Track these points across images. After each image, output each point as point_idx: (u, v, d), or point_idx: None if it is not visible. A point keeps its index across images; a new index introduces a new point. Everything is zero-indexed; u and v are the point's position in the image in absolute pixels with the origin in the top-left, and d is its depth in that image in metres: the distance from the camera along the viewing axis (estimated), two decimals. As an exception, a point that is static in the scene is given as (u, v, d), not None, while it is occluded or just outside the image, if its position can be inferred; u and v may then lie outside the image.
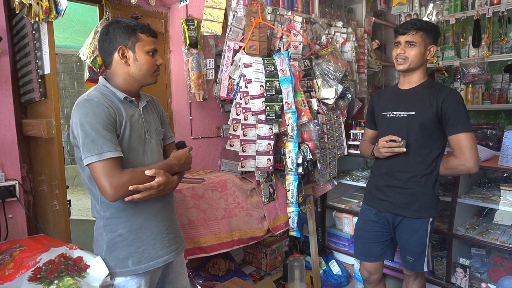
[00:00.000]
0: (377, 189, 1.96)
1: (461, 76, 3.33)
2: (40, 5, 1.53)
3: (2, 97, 1.74)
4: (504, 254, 2.35)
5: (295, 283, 2.49)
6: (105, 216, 1.32)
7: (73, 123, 1.24)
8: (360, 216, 2.09)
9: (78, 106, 1.24)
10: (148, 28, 1.33)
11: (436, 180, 1.84)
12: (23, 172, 1.89)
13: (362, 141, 2.19)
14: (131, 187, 1.19)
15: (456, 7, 3.35)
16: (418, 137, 1.80)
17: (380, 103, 1.99)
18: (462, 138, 1.71)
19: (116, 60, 1.30)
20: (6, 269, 1.30)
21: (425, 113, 1.77)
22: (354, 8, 3.55)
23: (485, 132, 3.16)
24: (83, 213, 3.74)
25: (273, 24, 2.46)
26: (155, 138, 1.40)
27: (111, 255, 1.32)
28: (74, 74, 5.04)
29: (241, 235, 2.08)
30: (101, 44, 1.33)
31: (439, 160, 1.84)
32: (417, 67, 1.82)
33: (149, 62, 1.32)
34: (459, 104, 1.73)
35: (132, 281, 1.33)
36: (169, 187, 1.32)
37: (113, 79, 1.34)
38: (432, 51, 1.81)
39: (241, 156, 2.22)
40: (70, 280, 1.24)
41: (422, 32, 1.76)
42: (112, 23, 1.31)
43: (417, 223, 1.84)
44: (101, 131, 1.19)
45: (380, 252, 1.98)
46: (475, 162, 1.70)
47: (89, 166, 1.20)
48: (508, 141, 2.21)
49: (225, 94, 2.29)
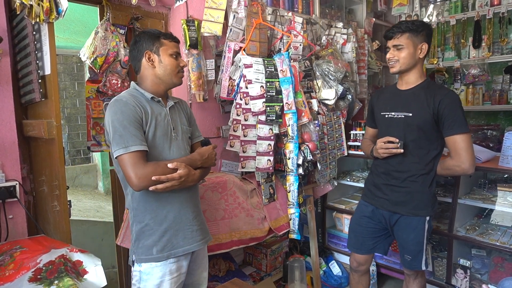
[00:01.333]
0: (375, 187, 2.00)
1: (461, 77, 3.33)
2: (41, 6, 1.54)
3: (3, 98, 1.74)
4: (505, 255, 2.34)
5: (295, 284, 2.48)
6: (134, 207, 1.44)
7: (105, 121, 1.38)
8: (356, 210, 2.15)
9: (109, 106, 1.38)
10: (170, 34, 1.51)
11: (433, 179, 1.86)
12: (24, 172, 1.89)
13: (364, 139, 2.22)
14: (154, 177, 1.30)
15: (456, 8, 3.35)
16: (416, 138, 1.82)
17: (379, 103, 2.01)
18: (458, 140, 1.72)
19: (144, 64, 1.46)
20: (7, 270, 1.31)
21: (422, 114, 1.79)
22: (354, 9, 3.55)
23: (485, 133, 3.16)
24: (84, 213, 3.74)
25: (273, 25, 2.46)
26: (181, 136, 1.51)
27: (139, 242, 1.43)
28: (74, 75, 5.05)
29: (241, 235, 2.08)
30: (131, 54, 1.51)
31: (437, 160, 1.86)
32: (410, 67, 1.82)
33: (173, 63, 1.47)
34: (456, 105, 1.73)
35: (157, 269, 1.42)
36: (191, 180, 1.41)
37: (142, 82, 1.49)
38: (424, 49, 1.79)
39: (241, 157, 2.22)
40: (69, 280, 1.25)
41: (408, 33, 1.77)
42: (139, 34, 1.49)
43: (414, 222, 1.87)
44: (128, 127, 1.32)
45: (371, 246, 2.04)
46: (470, 163, 1.71)
47: (117, 158, 1.33)
48: (509, 142, 2.21)
49: (225, 94, 2.29)
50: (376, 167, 2.01)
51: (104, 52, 1.98)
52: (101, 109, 2.12)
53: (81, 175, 5.05)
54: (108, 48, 1.99)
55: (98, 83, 2.07)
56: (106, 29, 2.00)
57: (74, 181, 4.98)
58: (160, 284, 1.42)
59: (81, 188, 4.99)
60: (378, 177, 1.98)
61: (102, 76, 2.06)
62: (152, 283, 1.42)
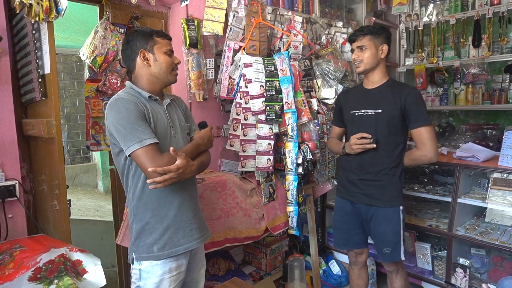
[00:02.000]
0: (350, 183, 2.09)
1: (461, 76, 3.33)
2: (41, 5, 1.53)
3: (3, 97, 1.74)
4: (504, 254, 2.35)
5: (295, 283, 2.49)
6: (135, 206, 1.44)
7: (109, 122, 1.36)
8: (336, 208, 2.22)
9: (110, 106, 1.37)
10: (162, 32, 1.50)
11: (401, 172, 2.00)
12: (23, 172, 1.89)
13: (330, 138, 2.31)
14: (150, 168, 1.27)
15: (456, 7, 3.35)
16: (386, 133, 1.94)
17: (348, 102, 2.12)
18: (423, 131, 1.87)
19: (139, 63, 1.45)
20: (6, 269, 1.31)
21: (391, 110, 1.92)
22: (354, 8, 3.55)
23: (485, 132, 3.16)
24: (83, 213, 3.74)
25: (273, 24, 2.46)
26: (180, 133, 1.52)
27: (140, 240, 1.44)
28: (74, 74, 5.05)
29: (235, 234, 2.09)
30: (124, 53, 1.50)
31: (403, 154, 2.00)
32: (374, 67, 1.97)
33: (168, 61, 1.47)
34: (419, 101, 1.90)
35: (157, 267, 1.42)
36: (189, 171, 1.38)
37: (138, 82, 1.48)
38: (385, 49, 1.96)
39: (241, 156, 2.22)
40: (69, 280, 1.25)
41: (369, 36, 1.94)
42: (131, 33, 1.48)
43: (390, 213, 1.97)
44: (137, 122, 1.32)
45: (358, 241, 2.13)
46: (435, 152, 1.88)
47: (132, 154, 1.31)
48: (508, 141, 2.21)
49: (225, 94, 2.29)
50: (349, 163, 2.09)
51: (104, 51, 1.97)
52: (100, 108, 2.12)
53: (81, 174, 5.05)
54: (108, 47, 1.98)
55: (98, 82, 2.07)
56: (105, 28, 2.00)
57: (74, 180, 4.98)
58: (160, 282, 1.42)
59: (81, 187, 4.99)
60: (352, 172, 2.07)
61: (101, 75, 2.06)
62: (152, 281, 1.42)
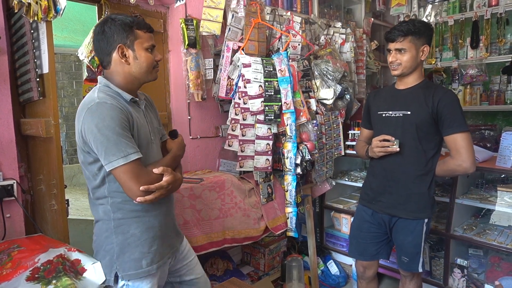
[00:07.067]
0: (372, 190, 1.97)
1: (459, 77, 3.34)
2: (39, 4, 1.53)
3: (1, 96, 1.73)
4: (502, 254, 2.36)
5: (293, 283, 2.49)
6: (116, 217, 1.29)
7: (86, 128, 1.18)
8: (356, 215, 2.10)
9: (91, 110, 1.18)
10: (144, 23, 1.30)
11: (432, 181, 1.83)
12: (21, 171, 1.88)
13: (358, 141, 2.18)
14: (142, 187, 1.18)
15: (454, 8, 3.36)
16: (414, 137, 1.79)
17: (376, 103, 1.99)
18: (459, 139, 1.70)
19: (115, 59, 1.27)
20: (4, 269, 1.30)
21: (420, 113, 1.77)
22: (353, 9, 3.56)
23: (482, 133, 3.17)
24: (81, 212, 3.73)
25: (272, 24, 2.46)
26: (156, 138, 1.40)
27: (125, 256, 1.29)
28: (72, 74, 5.04)
29: (234, 234, 2.08)
30: (97, 44, 1.29)
31: (435, 161, 1.83)
32: (412, 70, 1.82)
33: (149, 59, 1.30)
34: (454, 104, 1.72)
35: (146, 280, 1.32)
36: (177, 185, 1.32)
37: (113, 78, 1.30)
38: (426, 51, 1.79)
39: (240, 156, 2.22)
40: (68, 280, 1.24)
41: (410, 37, 1.74)
42: (107, 21, 1.26)
43: (413, 224, 1.84)
44: (122, 134, 1.17)
45: (374, 252, 1.99)
46: (471, 162, 1.70)
47: (114, 170, 1.17)
48: (506, 142, 2.22)
49: (223, 94, 2.29)
50: (373, 168, 1.98)
51: (103, 51, 1.97)
52: (99, 108, 2.11)
53: (79, 174, 5.04)
54: (107, 47, 1.98)
55: (96, 82, 2.06)
56: (104, 27, 1.99)
57: (72, 180, 4.97)
58: None
59: (79, 187, 4.98)
60: (375, 179, 1.95)
61: (99, 75, 2.06)
62: None
